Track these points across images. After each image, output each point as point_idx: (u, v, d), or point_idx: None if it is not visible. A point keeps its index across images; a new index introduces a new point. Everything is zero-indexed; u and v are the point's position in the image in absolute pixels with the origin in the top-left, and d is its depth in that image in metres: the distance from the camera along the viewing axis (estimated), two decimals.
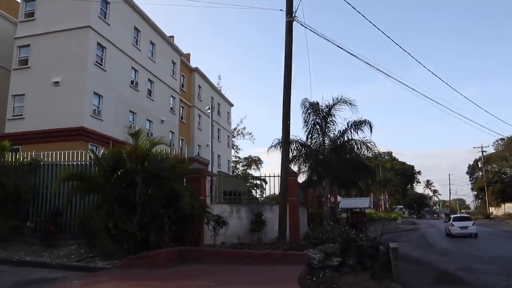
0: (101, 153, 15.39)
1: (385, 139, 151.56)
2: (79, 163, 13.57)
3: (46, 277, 8.96)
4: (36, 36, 25.10)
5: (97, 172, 11.38)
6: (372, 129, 16.19)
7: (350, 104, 16.28)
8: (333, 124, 16.81)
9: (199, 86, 43.61)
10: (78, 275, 9.46)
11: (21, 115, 24.37)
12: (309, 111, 16.47)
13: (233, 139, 62.74)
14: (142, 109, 30.19)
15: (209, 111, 14.25)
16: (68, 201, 12.74)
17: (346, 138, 16.33)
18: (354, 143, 16.22)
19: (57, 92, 23.96)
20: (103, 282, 7.39)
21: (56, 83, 24.03)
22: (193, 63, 44.08)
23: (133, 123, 29.18)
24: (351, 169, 16.78)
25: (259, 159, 77.67)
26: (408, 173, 73.34)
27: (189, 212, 10.50)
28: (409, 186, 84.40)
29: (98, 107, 25.23)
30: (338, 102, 16.29)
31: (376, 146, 16.72)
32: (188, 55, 43.57)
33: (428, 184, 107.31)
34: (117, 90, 26.97)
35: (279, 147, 16.78)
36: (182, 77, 40.34)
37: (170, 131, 35.71)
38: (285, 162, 12.49)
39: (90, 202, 12.27)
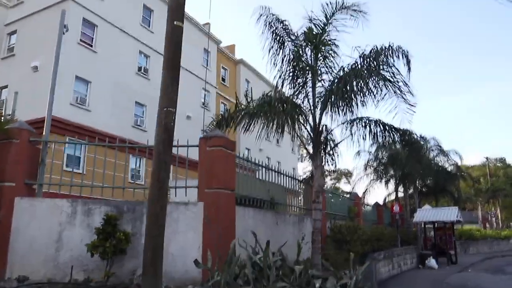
0: None
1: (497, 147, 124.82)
2: None
3: None
4: (22, 20, 21.87)
5: None
6: (411, 65, 8.26)
7: (357, 12, 8.34)
8: (332, 56, 9.05)
9: (247, 81, 37.78)
10: None
11: (1, 109, 20.99)
12: (277, 31, 8.94)
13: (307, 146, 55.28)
14: (155, 101, 25.13)
15: (65, 30, 8.52)
16: None
17: (354, 80, 8.15)
18: (361, 81, 8.05)
19: (35, 79, 20.12)
20: None
21: (35, 68, 20.23)
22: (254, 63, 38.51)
23: (141, 117, 24.40)
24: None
25: (349, 173, 68.20)
26: None
27: None
28: None
29: (85, 95, 20.79)
30: (338, 11, 8.47)
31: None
32: (233, 46, 38.22)
33: None
34: (115, 77, 22.38)
35: None
36: (223, 70, 35.08)
37: (202, 130, 30.28)
38: (167, 104, 5.72)
39: None
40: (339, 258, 9.89)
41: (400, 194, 29.92)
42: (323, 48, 8.85)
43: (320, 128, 8.86)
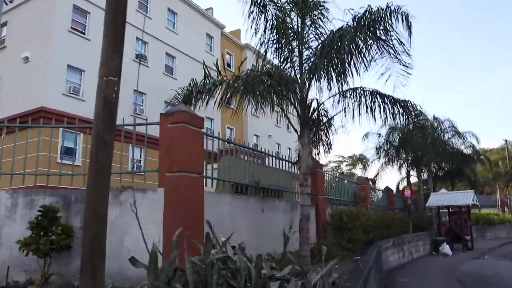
0: None
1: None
2: None
3: None
4: (12, 11, 21.16)
5: None
6: (412, 28, 7.12)
7: None
8: (322, 21, 7.94)
9: (254, 66, 36.61)
10: None
11: None
12: None
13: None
14: (155, 89, 24.40)
15: (9, 1, 7.37)
16: None
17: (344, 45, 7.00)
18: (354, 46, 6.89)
19: (27, 70, 19.55)
20: None
21: (26, 59, 19.63)
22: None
23: (141, 106, 23.66)
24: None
25: (365, 158, 66.03)
26: None
27: None
28: None
29: (79, 85, 20.11)
30: None
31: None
32: (238, 31, 37.01)
33: None
34: None
35: None
36: (228, 56, 34.09)
37: (207, 117, 29.46)
38: (108, 73, 4.78)
39: None
40: (336, 249, 8.93)
41: (415, 179, 28.59)
42: (310, 12, 7.79)
43: (308, 102, 7.85)
